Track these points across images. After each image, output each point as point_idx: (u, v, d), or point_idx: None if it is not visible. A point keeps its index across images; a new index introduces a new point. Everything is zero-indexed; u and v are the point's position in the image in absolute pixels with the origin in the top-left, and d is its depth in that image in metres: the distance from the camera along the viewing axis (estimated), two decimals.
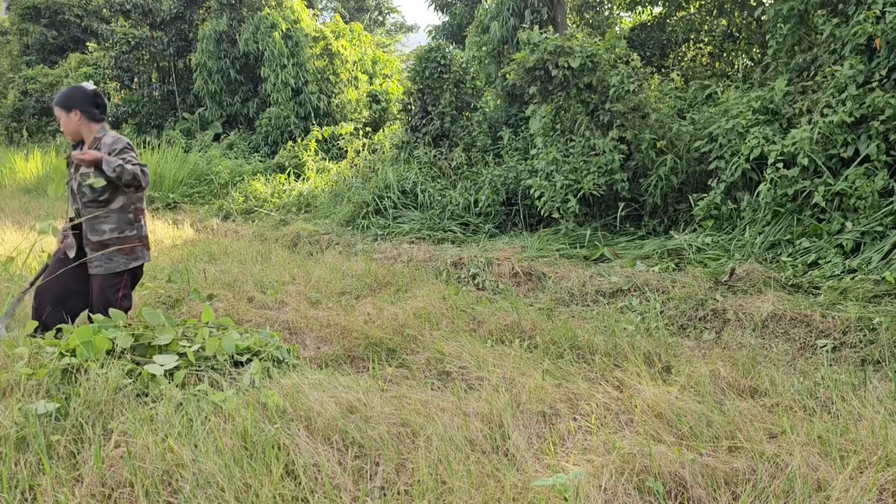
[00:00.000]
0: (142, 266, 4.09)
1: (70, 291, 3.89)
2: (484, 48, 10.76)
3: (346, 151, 13.47)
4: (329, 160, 13.67)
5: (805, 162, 5.68)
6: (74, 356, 3.29)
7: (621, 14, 12.15)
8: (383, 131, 14.24)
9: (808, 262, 5.28)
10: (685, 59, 10.56)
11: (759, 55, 9.21)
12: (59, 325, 3.68)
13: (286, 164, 13.50)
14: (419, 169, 9.74)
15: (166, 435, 2.68)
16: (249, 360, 3.58)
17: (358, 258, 7.01)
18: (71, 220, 3.95)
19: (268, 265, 6.56)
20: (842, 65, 5.89)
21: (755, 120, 6.54)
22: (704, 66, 10.26)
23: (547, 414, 3.04)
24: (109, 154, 3.80)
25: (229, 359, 3.52)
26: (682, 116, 7.66)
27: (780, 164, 5.85)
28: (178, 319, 4.00)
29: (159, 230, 8.61)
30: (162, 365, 3.29)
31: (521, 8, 10.64)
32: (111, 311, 3.68)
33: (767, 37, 7.64)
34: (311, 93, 15.86)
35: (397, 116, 14.69)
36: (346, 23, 18.81)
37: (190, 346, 3.49)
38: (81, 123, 3.88)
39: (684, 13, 10.47)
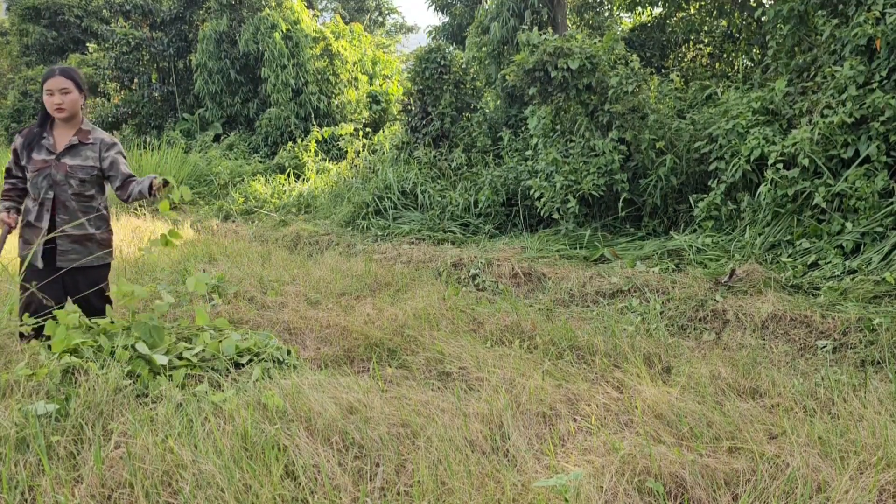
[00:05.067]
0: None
1: (58, 301, 3.71)
2: (484, 49, 10.77)
3: (346, 152, 13.48)
4: (329, 161, 13.68)
5: (805, 162, 5.68)
6: (74, 356, 3.28)
7: (621, 15, 12.15)
8: (383, 132, 14.26)
9: (809, 263, 5.28)
10: (685, 59, 10.56)
11: (759, 56, 9.22)
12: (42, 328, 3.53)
13: (286, 164, 13.51)
14: (419, 170, 9.75)
15: (166, 436, 2.68)
16: (250, 361, 3.58)
17: (358, 259, 7.00)
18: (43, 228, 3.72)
19: (268, 266, 6.55)
20: (842, 65, 5.89)
21: (755, 120, 6.54)
22: (704, 67, 10.26)
23: (547, 415, 3.04)
24: (111, 155, 3.73)
25: (229, 361, 3.52)
26: (681, 117, 7.66)
27: (781, 165, 5.86)
28: (172, 324, 3.97)
29: (159, 230, 8.61)
30: (163, 365, 3.29)
31: (521, 9, 10.64)
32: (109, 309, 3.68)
33: (767, 37, 7.64)
34: (311, 93, 15.87)
35: (397, 117, 14.70)
36: (346, 23, 18.82)
37: (191, 349, 3.49)
38: (81, 108, 3.73)
39: (684, 14, 10.47)
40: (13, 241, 4.15)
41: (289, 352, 3.78)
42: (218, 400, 3.02)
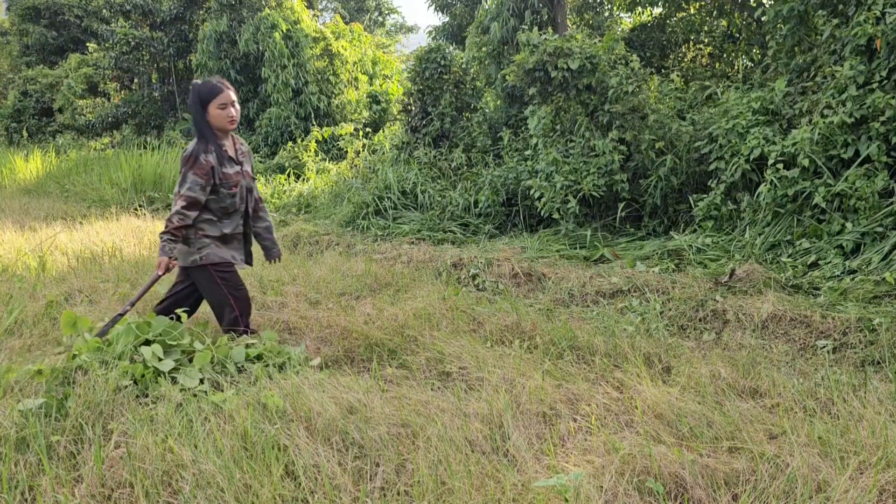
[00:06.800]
0: None
1: None
2: (484, 49, 10.76)
3: (346, 152, 13.48)
4: (329, 161, 13.68)
5: (805, 163, 5.68)
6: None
7: (621, 15, 12.15)
8: (383, 132, 14.26)
9: (809, 263, 5.28)
10: (685, 59, 10.56)
11: (759, 56, 9.21)
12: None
13: (286, 164, 13.51)
14: (419, 169, 9.75)
15: (166, 435, 2.68)
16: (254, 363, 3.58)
17: (358, 259, 7.00)
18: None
19: (268, 266, 6.55)
20: (842, 65, 5.89)
21: (755, 120, 6.54)
22: (704, 67, 10.26)
23: (547, 414, 3.04)
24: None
25: (236, 366, 3.52)
26: (681, 117, 7.66)
27: (781, 165, 5.86)
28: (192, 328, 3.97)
29: (159, 230, 8.61)
30: (172, 366, 3.30)
31: (521, 9, 10.64)
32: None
33: (767, 37, 7.64)
34: (311, 93, 15.87)
35: (397, 117, 14.70)
36: (346, 23, 18.83)
37: (202, 351, 3.48)
38: None
39: (684, 14, 10.47)
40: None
41: (307, 359, 3.77)
42: (218, 400, 3.02)
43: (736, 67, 9.86)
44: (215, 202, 3.72)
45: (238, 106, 3.74)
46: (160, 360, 3.30)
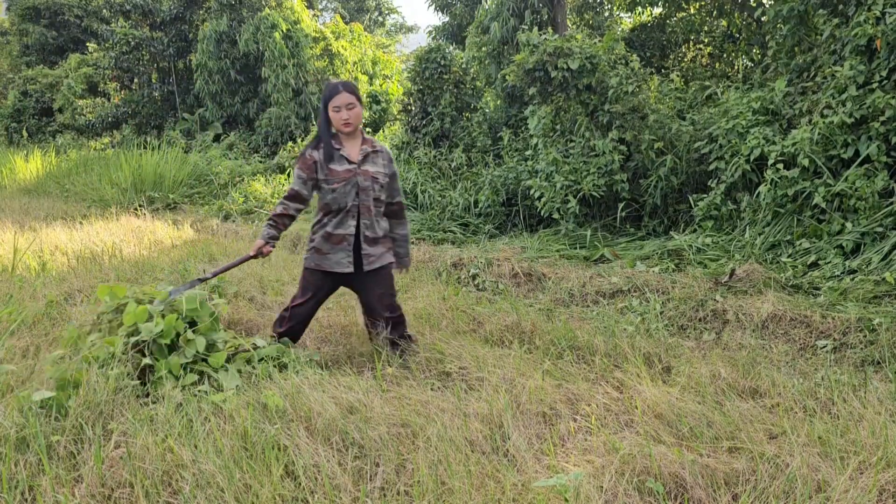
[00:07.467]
0: None
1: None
2: (484, 49, 10.77)
3: None
4: None
5: (805, 163, 5.68)
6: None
7: (621, 15, 12.15)
8: (383, 132, 14.26)
9: (809, 263, 5.28)
10: (685, 59, 10.56)
11: (759, 56, 9.22)
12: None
13: (286, 164, 13.52)
14: (419, 169, 9.75)
15: (166, 435, 2.68)
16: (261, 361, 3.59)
17: None
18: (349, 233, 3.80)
19: (268, 266, 6.55)
20: (842, 65, 5.90)
21: (755, 120, 6.54)
22: (704, 67, 10.26)
23: (547, 414, 3.04)
24: (393, 168, 3.92)
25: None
26: (681, 117, 7.66)
27: (780, 165, 5.86)
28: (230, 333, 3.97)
29: (159, 230, 8.61)
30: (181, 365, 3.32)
31: (521, 9, 10.64)
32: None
33: (767, 37, 7.65)
34: (311, 93, 15.88)
35: (397, 117, 14.71)
36: (346, 23, 18.83)
37: (219, 352, 3.48)
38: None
39: (684, 14, 10.47)
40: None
41: (321, 366, 3.76)
42: (218, 400, 3.02)
43: (736, 67, 9.87)
44: (320, 199, 3.79)
45: (355, 109, 3.70)
46: (198, 352, 3.34)
